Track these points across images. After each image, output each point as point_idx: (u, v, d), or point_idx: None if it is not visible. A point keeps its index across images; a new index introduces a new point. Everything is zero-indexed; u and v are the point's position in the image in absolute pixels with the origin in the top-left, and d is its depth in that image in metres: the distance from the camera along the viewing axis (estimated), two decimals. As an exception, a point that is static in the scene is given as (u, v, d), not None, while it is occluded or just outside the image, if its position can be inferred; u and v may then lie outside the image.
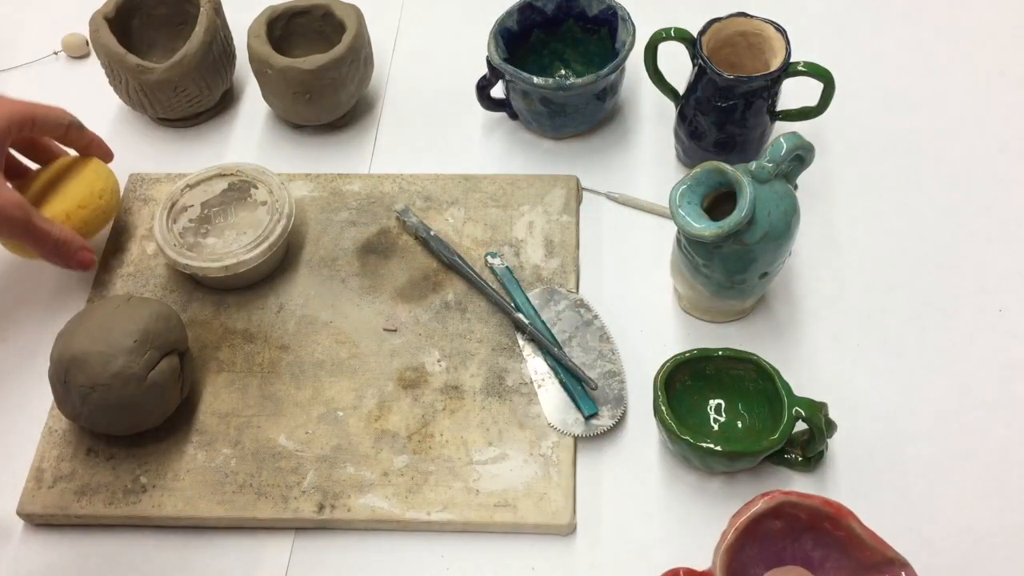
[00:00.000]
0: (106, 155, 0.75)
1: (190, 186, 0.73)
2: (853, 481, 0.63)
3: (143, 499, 0.63)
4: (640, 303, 0.72)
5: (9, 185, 0.66)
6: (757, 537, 0.55)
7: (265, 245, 0.70)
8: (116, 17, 0.80)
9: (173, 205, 0.73)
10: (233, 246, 0.70)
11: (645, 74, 0.76)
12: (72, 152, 0.74)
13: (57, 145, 0.74)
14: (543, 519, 0.61)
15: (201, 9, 0.79)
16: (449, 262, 0.72)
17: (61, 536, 0.64)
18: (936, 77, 0.85)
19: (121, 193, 0.77)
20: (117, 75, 0.79)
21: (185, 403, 0.67)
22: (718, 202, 0.63)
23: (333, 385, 0.68)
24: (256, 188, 0.73)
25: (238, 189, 0.74)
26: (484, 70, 0.79)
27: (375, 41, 0.85)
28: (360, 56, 0.79)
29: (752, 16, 0.71)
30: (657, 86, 0.77)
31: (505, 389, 0.67)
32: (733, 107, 0.71)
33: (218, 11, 0.81)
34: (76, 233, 0.69)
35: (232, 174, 0.74)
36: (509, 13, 0.79)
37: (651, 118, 0.84)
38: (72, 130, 0.71)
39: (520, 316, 0.69)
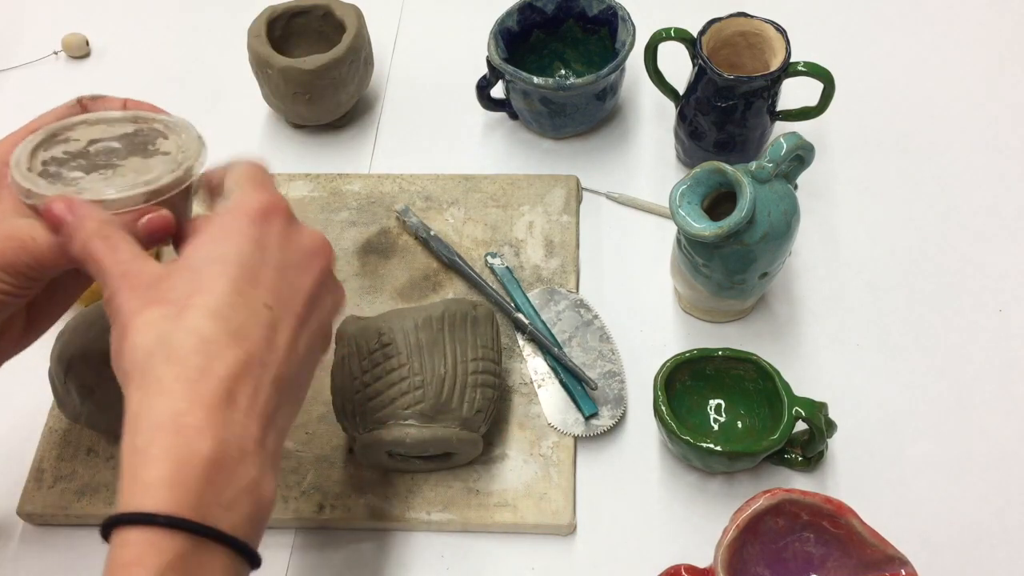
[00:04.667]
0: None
1: (89, 123, 0.54)
2: (853, 481, 0.63)
3: (143, 499, 0.63)
4: (640, 303, 0.72)
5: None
6: (758, 535, 0.55)
7: (142, 190, 0.49)
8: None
9: (55, 135, 0.53)
10: (99, 184, 0.50)
11: (645, 74, 0.76)
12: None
13: None
14: (543, 519, 0.61)
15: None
16: (449, 262, 0.72)
17: (61, 536, 0.64)
18: (936, 77, 0.85)
19: None
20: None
21: (185, 403, 0.66)
22: (718, 202, 0.63)
23: (333, 385, 0.68)
24: (166, 139, 0.54)
25: (144, 136, 0.55)
26: (484, 70, 0.79)
27: (375, 41, 0.85)
28: (360, 56, 0.80)
29: (752, 16, 0.71)
30: (657, 86, 0.77)
31: (505, 389, 0.67)
32: (733, 107, 0.71)
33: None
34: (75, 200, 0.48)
35: (145, 122, 0.55)
36: (509, 13, 0.79)
37: (651, 118, 0.84)
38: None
39: (520, 316, 0.69)
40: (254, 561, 0.41)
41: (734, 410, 0.65)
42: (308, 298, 0.47)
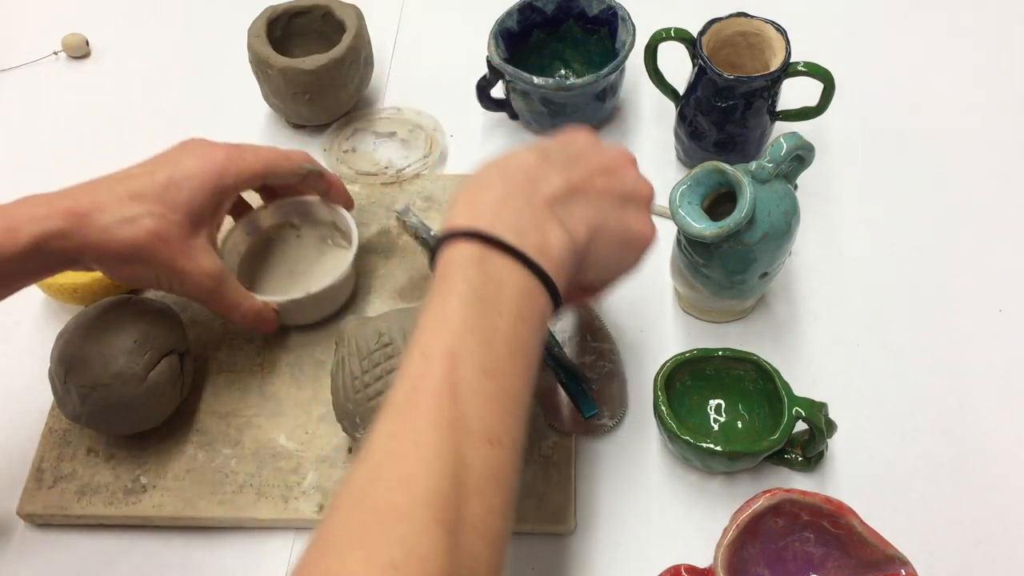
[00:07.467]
0: (347, 202, 0.71)
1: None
2: (853, 481, 0.63)
3: (143, 499, 0.63)
4: (640, 303, 0.72)
5: (214, 252, 0.63)
6: (758, 535, 0.55)
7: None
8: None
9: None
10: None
11: (645, 74, 0.76)
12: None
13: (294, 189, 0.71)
14: (543, 519, 0.61)
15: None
16: (449, 262, 0.72)
17: (61, 536, 0.64)
18: (936, 77, 0.85)
19: None
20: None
21: (185, 403, 0.67)
22: (718, 202, 0.63)
23: (333, 385, 0.68)
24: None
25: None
26: (484, 70, 0.79)
27: (375, 41, 0.85)
28: (360, 56, 0.80)
29: (752, 16, 0.71)
30: (657, 86, 0.77)
31: (505, 389, 0.67)
32: (733, 107, 0.71)
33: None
34: (263, 304, 0.66)
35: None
36: (509, 13, 0.79)
37: (651, 118, 0.84)
38: (311, 177, 0.67)
39: (520, 316, 0.69)
40: (544, 279, 0.48)
41: (734, 410, 0.65)
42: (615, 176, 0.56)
